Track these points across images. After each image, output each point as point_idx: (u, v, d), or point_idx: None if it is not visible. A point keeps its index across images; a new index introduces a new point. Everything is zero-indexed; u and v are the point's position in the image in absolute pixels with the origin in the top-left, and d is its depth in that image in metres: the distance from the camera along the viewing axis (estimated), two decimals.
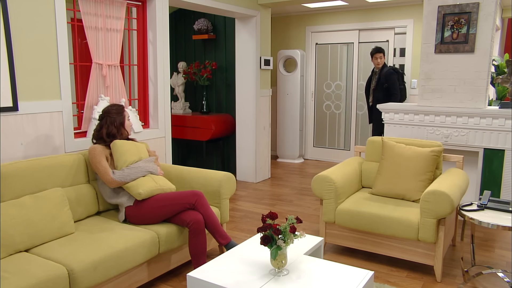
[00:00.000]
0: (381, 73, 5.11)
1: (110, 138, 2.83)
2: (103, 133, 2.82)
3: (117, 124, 2.86)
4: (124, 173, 2.71)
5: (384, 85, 5.05)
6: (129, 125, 2.98)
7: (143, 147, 2.98)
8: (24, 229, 2.27)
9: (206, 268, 2.11)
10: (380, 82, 5.15)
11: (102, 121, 2.87)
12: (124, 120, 2.90)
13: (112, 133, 2.84)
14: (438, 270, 2.77)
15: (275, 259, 2.00)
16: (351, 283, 1.95)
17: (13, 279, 1.93)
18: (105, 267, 2.23)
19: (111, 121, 2.85)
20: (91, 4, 3.25)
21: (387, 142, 3.32)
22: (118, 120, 2.87)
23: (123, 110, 2.92)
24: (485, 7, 3.70)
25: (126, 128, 2.93)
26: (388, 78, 5.05)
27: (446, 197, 2.62)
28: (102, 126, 2.85)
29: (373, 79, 5.29)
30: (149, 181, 2.76)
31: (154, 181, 2.79)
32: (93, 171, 2.91)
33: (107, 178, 2.69)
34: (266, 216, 2.04)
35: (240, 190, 5.07)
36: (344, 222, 3.05)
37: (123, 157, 2.77)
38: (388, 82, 5.05)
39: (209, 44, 5.74)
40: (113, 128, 2.84)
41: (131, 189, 2.70)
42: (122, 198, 2.75)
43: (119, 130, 2.87)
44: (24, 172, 2.49)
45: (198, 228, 2.63)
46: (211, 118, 5.33)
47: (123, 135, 2.90)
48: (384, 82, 5.08)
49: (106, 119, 2.85)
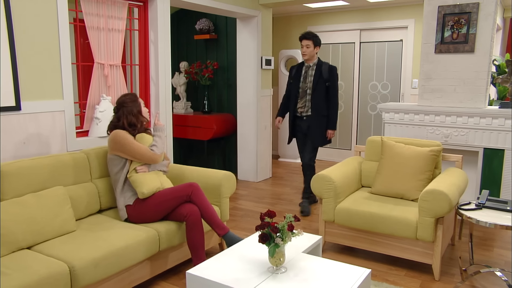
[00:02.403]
0: (321, 68, 4.03)
1: (131, 127, 2.84)
2: (124, 123, 2.81)
3: (134, 112, 2.85)
4: (157, 145, 2.81)
5: (327, 83, 4.01)
6: (146, 111, 2.96)
7: None
8: (27, 227, 2.30)
9: (205, 266, 2.14)
10: (321, 79, 4.00)
11: (119, 113, 2.85)
12: (140, 107, 2.90)
13: (132, 122, 2.83)
14: (436, 268, 2.79)
15: (273, 257, 2.03)
16: (348, 281, 1.98)
17: (15, 276, 1.96)
18: (105, 264, 2.26)
19: (129, 111, 2.83)
20: (93, 4, 3.28)
21: (387, 141, 3.34)
22: (135, 108, 2.86)
23: (137, 98, 2.90)
24: (485, 7, 3.71)
25: (143, 115, 2.93)
26: (332, 75, 4.02)
27: (444, 196, 2.64)
28: (120, 118, 2.83)
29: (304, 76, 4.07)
30: (155, 179, 2.78)
31: (159, 180, 2.81)
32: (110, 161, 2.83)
33: (150, 155, 2.76)
34: (265, 214, 2.06)
35: (241, 189, 5.10)
36: (343, 221, 3.07)
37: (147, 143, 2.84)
38: (332, 80, 4.01)
39: (210, 44, 5.77)
40: (132, 117, 2.83)
41: (138, 185, 2.71)
42: (123, 196, 2.77)
43: (138, 118, 2.87)
44: (26, 170, 2.52)
45: (194, 220, 2.66)
46: (212, 118, 5.36)
47: (143, 122, 2.91)
48: (327, 79, 4.00)
49: (123, 110, 2.84)
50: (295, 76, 4.16)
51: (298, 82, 4.12)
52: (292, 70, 4.23)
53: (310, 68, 4.09)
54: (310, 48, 4.02)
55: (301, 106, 4.11)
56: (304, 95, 4.08)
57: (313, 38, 4.02)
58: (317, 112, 4.05)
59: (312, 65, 4.09)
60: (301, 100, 4.11)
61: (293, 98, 4.15)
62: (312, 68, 4.08)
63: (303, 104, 4.10)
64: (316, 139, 4.10)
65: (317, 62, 4.10)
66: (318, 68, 4.05)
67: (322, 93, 4.02)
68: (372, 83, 6.30)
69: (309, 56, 4.05)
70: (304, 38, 4.03)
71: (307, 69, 4.10)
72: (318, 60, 4.11)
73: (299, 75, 4.13)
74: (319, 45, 4.07)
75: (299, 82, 4.11)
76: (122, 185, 2.79)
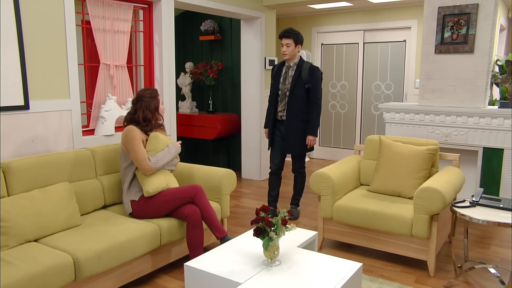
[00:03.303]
0: (301, 68, 3.76)
1: (146, 122, 2.87)
2: (139, 117, 2.85)
3: (151, 108, 2.87)
4: (158, 159, 2.78)
5: (306, 85, 3.74)
6: (163, 109, 2.99)
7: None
8: (34, 221, 2.41)
9: (203, 259, 2.23)
10: (299, 81, 3.75)
11: (136, 105, 2.88)
12: (158, 104, 2.92)
13: (147, 118, 2.86)
14: (431, 265, 2.84)
15: (267, 250, 2.11)
16: (339, 274, 2.05)
17: (22, 266, 2.07)
18: (108, 257, 2.36)
19: (146, 106, 2.86)
20: (99, 7, 3.39)
21: (385, 140, 3.40)
22: (153, 104, 2.88)
23: (157, 94, 2.92)
24: (484, 8, 3.75)
25: (160, 112, 2.96)
26: (313, 75, 3.75)
27: (438, 193, 2.70)
28: (137, 110, 2.87)
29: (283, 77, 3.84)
30: (161, 179, 2.84)
31: (165, 179, 2.87)
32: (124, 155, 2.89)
33: (144, 165, 2.72)
34: (260, 209, 2.15)
35: (244, 187, 5.18)
36: (341, 218, 3.14)
37: (157, 147, 2.84)
38: (312, 82, 3.74)
39: (215, 44, 5.86)
40: (148, 113, 2.86)
41: (145, 183, 2.80)
42: (130, 191, 2.88)
43: (154, 114, 2.90)
44: (34, 167, 2.64)
45: (195, 221, 2.75)
46: (217, 117, 5.46)
47: (157, 119, 2.95)
48: (307, 81, 3.74)
49: (141, 103, 2.86)
50: (276, 76, 3.89)
51: (278, 83, 3.86)
52: (273, 69, 3.95)
53: (291, 68, 3.81)
54: (291, 47, 3.72)
55: (281, 109, 3.85)
56: (284, 97, 3.82)
57: (293, 36, 3.71)
58: (294, 116, 3.76)
59: (293, 65, 3.81)
60: (281, 102, 3.84)
61: (274, 101, 3.89)
62: (293, 68, 3.80)
63: (283, 107, 3.84)
64: (291, 145, 3.80)
65: (298, 62, 3.81)
66: (298, 69, 3.77)
67: (300, 96, 3.74)
68: (375, 83, 6.35)
69: (290, 56, 3.76)
70: (284, 37, 3.73)
71: (287, 69, 3.83)
72: (300, 60, 3.82)
73: (279, 75, 3.87)
74: (301, 43, 3.78)
75: (279, 83, 3.85)
76: (130, 181, 2.88)
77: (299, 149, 3.83)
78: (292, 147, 3.82)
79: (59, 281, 2.15)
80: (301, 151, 3.84)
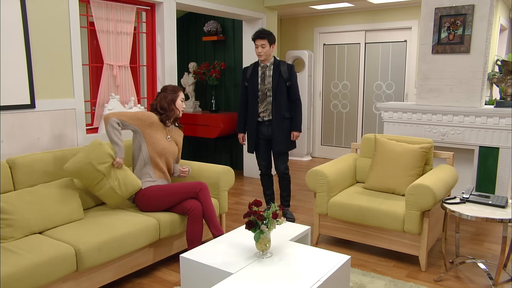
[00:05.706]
0: (279, 67, 3.75)
1: (162, 110, 3.10)
2: (157, 105, 3.11)
3: (168, 99, 3.11)
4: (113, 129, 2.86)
5: (287, 83, 3.76)
6: (181, 105, 3.19)
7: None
8: (38, 214, 2.53)
9: (198, 251, 2.33)
10: (281, 79, 3.73)
11: (159, 95, 3.16)
12: (176, 98, 3.14)
13: (163, 107, 3.10)
14: (422, 260, 2.92)
15: (259, 242, 2.20)
16: (328, 265, 2.14)
17: (27, 256, 2.19)
18: (109, 248, 2.48)
19: (164, 96, 3.12)
20: (103, 9, 3.51)
21: (380, 138, 3.48)
22: (170, 97, 3.12)
23: (178, 90, 3.18)
24: (480, 9, 3.80)
25: (176, 106, 3.15)
26: (292, 74, 3.77)
27: (429, 190, 2.77)
28: (157, 99, 3.15)
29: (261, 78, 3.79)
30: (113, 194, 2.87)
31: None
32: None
33: (110, 114, 2.91)
34: (252, 203, 2.24)
35: (246, 185, 5.28)
36: (336, 214, 3.22)
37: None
38: (292, 79, 3.77)
39: (218, 45, 5.97)
40: (165, 103, 3.10)
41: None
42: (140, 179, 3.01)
43: (170, 106, 3.11)
44: (39, 163, 2.76)
45: (196, 215, 2.85)
46: (219, 116, 5.56)
47: (173, 112, 3.14)
48: (288, 79, 3.75)
49: (162, 94, 3.15)
50: (251, 78, 3.82)
51: (257, 85, 3.79)
52: (246, 71, 3.89)
53: (268, 68, 3.77)
54: (266, 47, 3.69)
55: (263, 110, 3.79)
56: (265, 98, 3.77)
57: (268, 37, 3.69)
58: (280, 115, 3.76)
59: (270, 64, 3.77)
60: (262, 103, 3.78)
61: (253, 103, 3.82)
62: (270, 68, 3.76)
63: (264, 108, 3.78)
64: (282, 144, 3.82)
65: (273, 61, 3.79)
66: (277, 68, 3.74)
67: (284, 94, 3.75)
68: (377, 83, 6.41)
69: (265, 56, 3.72)
70: (258, 38, 3.69)
71: (264, 69, 3.78)
72: (275, 59, 3.80)
73: (256, 76, 3.81)
74: (274, 43, 3.77)
75: (257, 85, 3.79)
76: (140, 169, 3.03)
77: (286, 147, 3.88)
78: (281, 145, 3.83)
79: (62, 271, 2.27)
80: (288, 148, 3.90)
